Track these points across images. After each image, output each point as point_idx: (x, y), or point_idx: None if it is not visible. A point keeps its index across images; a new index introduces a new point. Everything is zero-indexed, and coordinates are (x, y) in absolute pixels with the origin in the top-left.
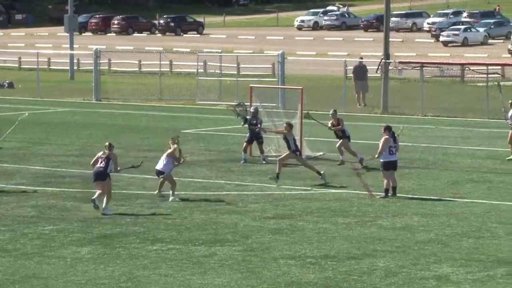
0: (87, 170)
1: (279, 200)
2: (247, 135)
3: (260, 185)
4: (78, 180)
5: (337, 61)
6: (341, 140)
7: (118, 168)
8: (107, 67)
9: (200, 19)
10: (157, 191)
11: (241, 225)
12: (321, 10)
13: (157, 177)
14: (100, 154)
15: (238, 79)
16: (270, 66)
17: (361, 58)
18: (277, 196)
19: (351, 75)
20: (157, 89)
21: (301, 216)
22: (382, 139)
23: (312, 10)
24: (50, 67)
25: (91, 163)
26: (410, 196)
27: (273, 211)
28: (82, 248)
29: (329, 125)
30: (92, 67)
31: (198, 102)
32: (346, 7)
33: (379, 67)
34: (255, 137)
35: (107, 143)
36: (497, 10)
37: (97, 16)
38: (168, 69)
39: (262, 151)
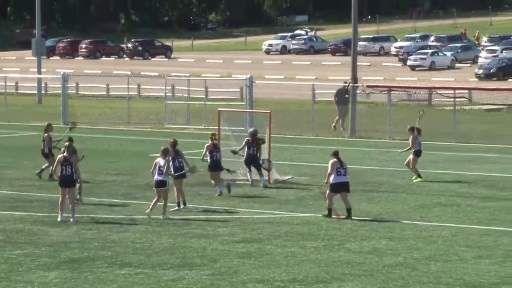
0: (55, 194)
1: (248, 224)
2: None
3: (229, 209)
4: (46, 204)
5: (305, 85)
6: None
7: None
8: (75, 91)
9: (168, 43)
10: (149, 210)
11: (210, 249)
12: (289, 34)
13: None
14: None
15: (206, 103)
16: (238, 90)
17: (345, 82)
18: (246, 219)
19: (331, 98)
20: (125, 113)
21: (270, 240)
22: (330, 162)
23: (280, 34)
24: (18, 91)
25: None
26: (378, 219)
27: (241, 235)
28: (50, 272)
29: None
30: (60, 91)
31: (166, 126)
32: (314, 31)
33: (347, 91)
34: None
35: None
36: (463, 34)
37: (65, 40)
38: (136, 93)
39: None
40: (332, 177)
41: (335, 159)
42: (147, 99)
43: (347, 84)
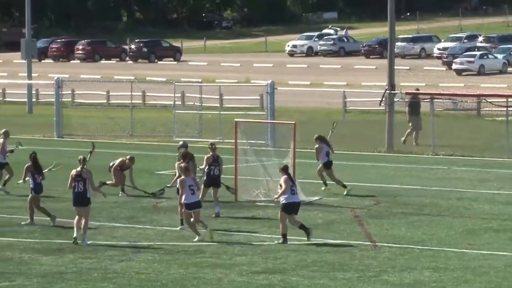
0: (47, 217)
1: (269, 252)
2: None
3: (247, 234)
4: (37, 228)
5: (334, 92)
6: None
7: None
8: (70, 99)
9: (177, 43)
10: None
11: (226, 281)
12: (316, 33)
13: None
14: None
15: (221, 112)
16: (258, 97)
17: (417, 89)
18: (267, 247)
19: (364, 107)
20: (128, 124)
21: (295, 270)
22: (282, 179)
23: (305, 34)
24: (5, 99)
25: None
26: (419, 247)
27: (262, 265)
28: None
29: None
30: (53, 99)
31: (175, 138)
32: (345, 30)
33: (383, 99)
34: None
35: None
36: None
37: (58, 40)
38: (141, 101)
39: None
40: (284, 196)
41: (286, 176)
42: (153, 108)
43: (419, 91)
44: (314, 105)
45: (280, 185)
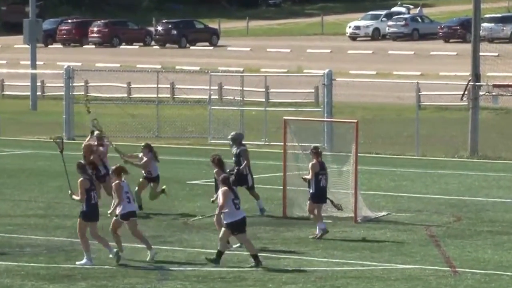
0: (54, 236)
1: (325, 280)
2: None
3: (298, 258)
4: (43, 250)
5: (406, 83)
6: None
7: None
8: (83, 93)
9: (213, 25)
10: None
11: None
12: (383, 12)
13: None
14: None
15: (267, 108)
16: (312, 90)
17: None
18: (322, 273)
19: (444, 102)
20: (154, 123)
21: None
22: (221, 191)
23: (371, 13)
24: (4, 92)
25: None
26: (509, 273)
27: None
28: None
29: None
30: (62, 93)
31: (211, 141)
32: (419, 8)
33: (465, 93)
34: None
35: None
36: None
37: (69, 21)
38: (169, 95)
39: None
40: (226, 212)
41: (226, 188)
42: (184, 104)
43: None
44: (381, 100)
45: (218, 198)
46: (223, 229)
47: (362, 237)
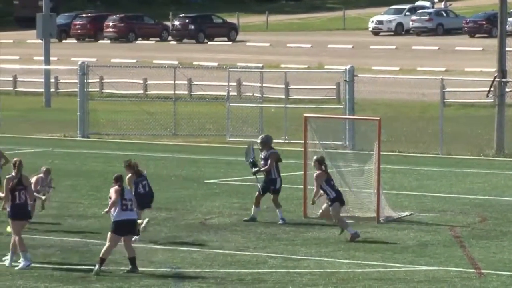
0: (69, 237)
1: (347, 281)
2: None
3: (319, 259)
4: (56, 251)
5: (430, 80)
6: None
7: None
8: (98, 89)
9: (232, 19)
10: None
11: None
12: (407, 6)
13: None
14: None
15: (287, 105)
16: (334, 87)
17: None
18: (344, 275)
19: (469, 99)
20: (171, 120)
21: None
22: (113, 189)
23: (394, 7)
24: (17, 89)
25: None
26: None
27: None
28: None
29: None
30: (77, 89)
31: (230, 139)
32: (444, 2)
33: (491, 89)
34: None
35: None
36: None
37: (84, 15)
38: (186, 92)
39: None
40: (114, 211)
41: (117, 186)
42: (201, 101)
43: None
44: (404, 96)
45: (110, 197)
46: (110, 232)
47: (385, 237)
